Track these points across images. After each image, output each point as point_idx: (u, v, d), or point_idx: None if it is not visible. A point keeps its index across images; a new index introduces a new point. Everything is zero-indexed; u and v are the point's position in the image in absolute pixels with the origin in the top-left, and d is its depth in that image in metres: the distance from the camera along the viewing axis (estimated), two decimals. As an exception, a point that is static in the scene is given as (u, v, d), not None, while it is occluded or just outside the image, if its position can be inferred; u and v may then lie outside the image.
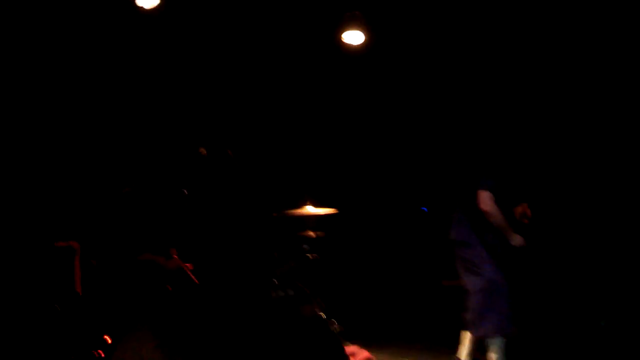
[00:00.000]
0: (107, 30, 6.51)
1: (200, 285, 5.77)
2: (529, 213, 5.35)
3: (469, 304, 5.25)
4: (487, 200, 5.14)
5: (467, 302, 5.29)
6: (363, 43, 6.70)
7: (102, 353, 4.93)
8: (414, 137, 7.16)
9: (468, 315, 5.27)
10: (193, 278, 5.80)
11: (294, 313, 5.77)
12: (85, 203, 6.14)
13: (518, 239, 5.21)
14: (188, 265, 5.87)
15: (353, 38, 6.69)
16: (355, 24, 6.64)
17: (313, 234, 6.24)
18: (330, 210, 6.20)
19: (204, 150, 6.08)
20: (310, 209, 6.16)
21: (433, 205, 6.75)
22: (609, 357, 5.91)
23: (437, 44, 6.87)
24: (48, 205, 5.79)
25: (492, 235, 5.23)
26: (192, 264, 5.92)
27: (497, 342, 5.11)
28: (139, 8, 6.21)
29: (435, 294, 6.75)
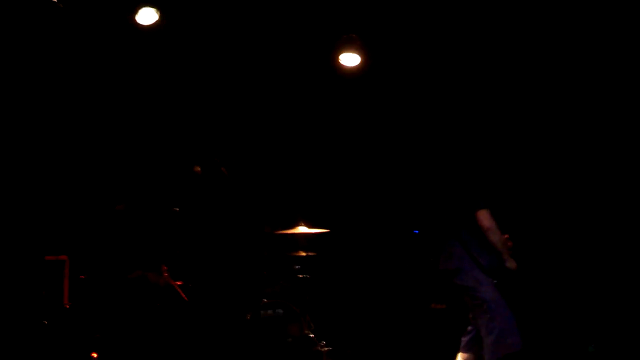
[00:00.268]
0: (106, 47, 6.56)
1: (190, 303, 5.78)
2: (510, 244, 5.34)
3: (482, 334, 5.18)
4: (488, 216, 5.14)
5: (477, 330, 5.26)
6: (359, 65, 6.77)
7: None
8: (408, 159, 7.19)
9: (485, 341, 5.15)
10: (182, 295, 5.81)
11: (282, 332, 5.78)
12: (76, 217, 6.17)
13: (512, 263, 5.22)
14: (178, 282, 5.89)
15: (349, 60, 6.77)
16: (352, 47, 6.72)
17: (304, 254, 6.27)
18: (322, 230, 6.23)
19: (199, 169, 6.13)
20: (302, 229, 6.19)
21: (424, 228, 6.77)
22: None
23: (432, 67, 6.93)
24: (38, 219, 5.80)
25: (487, 258, 5.22)
26: (182, 281, 5.94)
27: None
28: (138, 25, 6.29)
29: (424, 317, 6.76)
